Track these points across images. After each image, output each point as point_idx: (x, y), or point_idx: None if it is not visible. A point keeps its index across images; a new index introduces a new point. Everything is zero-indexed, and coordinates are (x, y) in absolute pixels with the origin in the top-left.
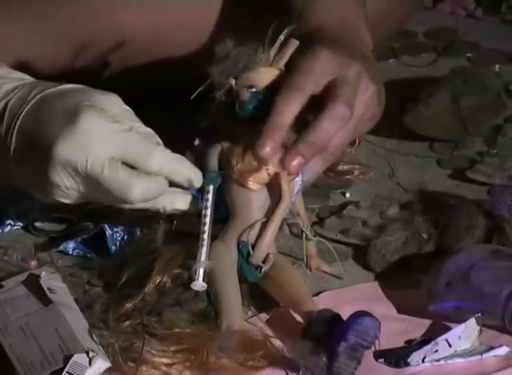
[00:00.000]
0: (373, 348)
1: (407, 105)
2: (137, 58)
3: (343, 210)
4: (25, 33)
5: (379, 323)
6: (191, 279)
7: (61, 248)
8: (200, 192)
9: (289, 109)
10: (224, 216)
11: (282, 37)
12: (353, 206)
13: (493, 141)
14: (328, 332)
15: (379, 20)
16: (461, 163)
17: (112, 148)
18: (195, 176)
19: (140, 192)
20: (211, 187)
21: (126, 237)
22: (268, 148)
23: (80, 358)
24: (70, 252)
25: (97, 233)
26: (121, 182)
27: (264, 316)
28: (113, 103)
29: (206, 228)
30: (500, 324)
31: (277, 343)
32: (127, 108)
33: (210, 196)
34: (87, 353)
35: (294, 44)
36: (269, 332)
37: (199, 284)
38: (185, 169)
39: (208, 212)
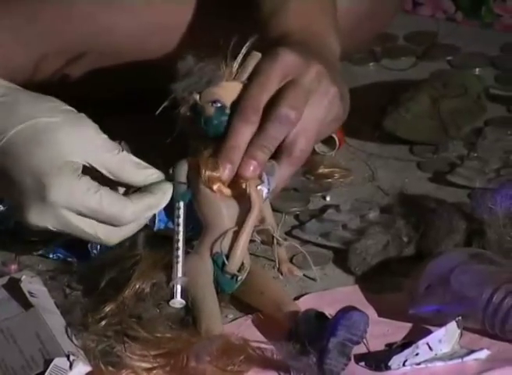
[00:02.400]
0: (362, 344)
1: (388, 108)
2: (119, 61)
3: (323, 214)
4: (12, 40)
5: (368, 317)
6: (170, 295)
7: (41, 251)
8: (167, 209)
9: (244, 131)
10: (195, 234)
11: (244, 51)
12: (333, 210)
13: (473, 144)
14: (316, 330)
15: (360, 22)
16: (442, 166)
17: (84, 214)
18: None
19: (119, 239)
20: (181, 204)
21: None
22: (227, 170)
23: (60, 362)
24: (51, 256)
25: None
26: (98, 240)
27: (248, 317)
28: (79, 142)
29: (180, 244)
30: (481, 327)
31: (262, 346)
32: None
33: (181, 212)
34: (68, 357)
35: (256, 56)
36: (252, 336)
37: (177, 302)
38: (155, 199)
39: (181, 228)
